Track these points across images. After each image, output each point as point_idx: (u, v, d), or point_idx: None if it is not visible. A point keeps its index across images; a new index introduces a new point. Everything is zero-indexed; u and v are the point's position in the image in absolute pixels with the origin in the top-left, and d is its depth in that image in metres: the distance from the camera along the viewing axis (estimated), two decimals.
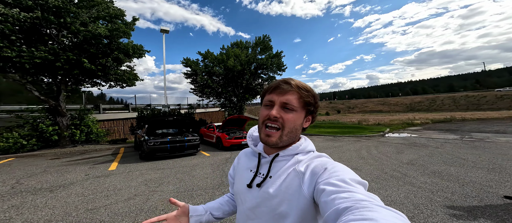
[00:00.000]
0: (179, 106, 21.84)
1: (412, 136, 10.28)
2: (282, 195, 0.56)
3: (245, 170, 0.69)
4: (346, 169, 0.52)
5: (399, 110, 49.18)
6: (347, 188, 0.44)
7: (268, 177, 0.61)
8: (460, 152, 6.08)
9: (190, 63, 15.59)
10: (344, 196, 0.41)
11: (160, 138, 6.76)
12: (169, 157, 6.77)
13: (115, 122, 14.65)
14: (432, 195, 2.99)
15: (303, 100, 0.60)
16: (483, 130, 11.59)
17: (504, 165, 4.51)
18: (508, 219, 2.28)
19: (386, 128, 13.75)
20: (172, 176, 4.59)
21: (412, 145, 7.65)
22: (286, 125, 0.59)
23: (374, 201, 0.39)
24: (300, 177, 0.56)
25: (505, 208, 2.53)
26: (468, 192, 3.05)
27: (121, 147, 9.38)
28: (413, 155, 5.82)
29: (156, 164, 5.82)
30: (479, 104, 41.28)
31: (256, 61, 14.99)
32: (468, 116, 22.06)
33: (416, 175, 3.96)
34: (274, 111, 0.59)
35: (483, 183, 3.44)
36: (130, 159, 6.63)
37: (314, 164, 0.57)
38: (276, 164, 0.62)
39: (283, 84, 0.60)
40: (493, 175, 3.87)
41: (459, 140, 8.43)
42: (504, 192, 3.02)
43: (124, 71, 10.99)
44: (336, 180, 0.47)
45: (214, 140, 8.88)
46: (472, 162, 4.93)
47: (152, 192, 3.66)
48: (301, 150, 0.62)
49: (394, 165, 4.81)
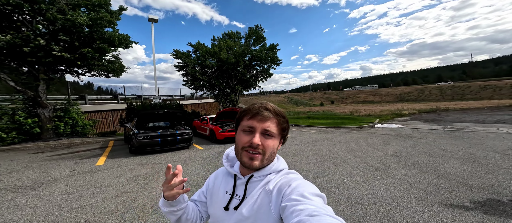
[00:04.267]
0: (171, 97, 21.30)
1: (399, 126, 10.70)
2: (255, 216, 0.58)
3: (221, 192, 0.70)
4: (307, 184, 0.56)
5: (389, 100, 50.62)
6: (304, 201, 0.48)
7: (245, 198, 0.63)
8: (441, 143, 6.41)
9: (180, 55, 14.99)
10: (300, 209, 0.45)
11: (150, 131, 6.62)
12: (160, 151, 6.70)
13: (103, 114, 14.17)
14: (409, 187, 3.17)
15: (280, 127, 0.64)
16: (464, 120, 12.22)
17: (478, 155, 4.82)
18: (473, 208, 2.47)
19: (376, 118, 14.21)
20: (163, 172, 4.56)
21: (398, 136, 7.97)
22: (267, 150, 0.62)
23: (323, 210, 0.44)
24: (269, 196, 0.59)
25: (472, 199, 2.73)
26: (441, 183, 3.26)
27: (110, 140, 9.16)
28: (398, 147, 6.09)
29: (146, 158, 5.76)
30: (464, 94, 43.19)
31: (250, 52, 14.63)
32: (452, 106, 23.09)
33: (398, 167, 4.16)
34: (256, 139, 0.60)
35: (456, 173, 3.68)
36: (119, 153, 6.51)
37: (281, 182, 0.60)
38: (251, 185, 0.64)
39: (264, 111, 0.62)
40: (467, 165, 4.13)
41: (441, 130, 8.86)
42: (474, 182, 3.25)
43: (109, 61, 10.46)
44: (296, 195, 0.51)
45: (208, 133, 8.83)
46: (450, 152, 5.23)
47: (141, 188, 3.64)
48: (274, 170, 0.65)
49: (379, 157, 5.02)
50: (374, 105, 33.44)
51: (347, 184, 3.42)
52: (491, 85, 43.43)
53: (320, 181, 3.58)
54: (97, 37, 8.77)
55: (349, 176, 3.78)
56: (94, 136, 10.66)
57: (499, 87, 41.16)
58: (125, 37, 10.03)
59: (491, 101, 29.09)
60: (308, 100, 62.68)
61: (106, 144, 8.33)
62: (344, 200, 2.86)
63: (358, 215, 2.43)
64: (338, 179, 3.62)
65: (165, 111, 7.50)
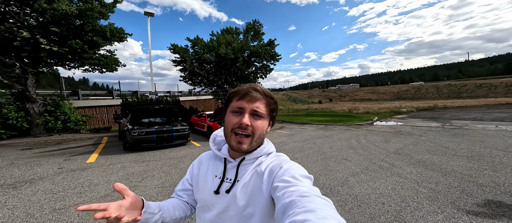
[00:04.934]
0: (168, 93, 20.93)
1: (398, 124, 10.61)
2: (248, 197, 0.59)
3: (209, 177, 0.68)
4: (297, 166, 0.57)
5: (387, 98, 50.88)
6: (295, 182, 0.49)
7: (236, 181, 0.62)
8: (442, 140, 6.30)
9: (178, 50, 14.62)
10: (291, 190, 0.47)
11: (145, 127, 6.36)
12: (156, 148, 6.46)
13: (98, 109, 13.78)
14: (417, 186, 3.01)
15: (269, 107, 0.63)
16: (462, 117, 12.21)
17: (481, 153, 4.71)
18: (489, 210, 2.32)
19: (374, 116, 14.13)
20: (158, 169, 4.34)
21: (398, 133, 7.86)
22: (256, 132, 0.61)
23: (313, 192, 0.45)
24: (260, 178, 0.59)
25: (485, 199, 2.58)
26: (450, 182, 3.11)
27: (104, 137, 8.86)
28: (399, 144, 5.95)
29: (141, 155, 5.51)
30: (460, 92, 43.61)
31: (249, 48, 14.34)
32: (449, 104, 23.22)
33: (402, 165, 4.01)
34: (245, 119, 0.59)
35: (463, 172, 3.54)
36: (112, 150, 6.24)
37: (272, 164, 0.61)
38: (242, 167, 0.64)
39: (253, 91, 0.61)
40: (472, 163, 4.01)
41: (440, 128, 8.79)
42: (483, 181, 3.11)
43: (102, 55, 10.09)
44: (287, 176, 0.52)
45: (206, 130, 8.61)
46: (453, 150, 5.11)
47: (133, 187, 3.42)
48: (264, 153, 0.65)
49: (381, 154, 4.87)
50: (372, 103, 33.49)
51: (351, 182, 3.25)
52: (486, 83, 43.92)
53: (322, 179, 3.41)
54: (88, 29, 8.39)
55: (352, 174, 3.61)
56: (88, 132, 10.33)
57: (494, 85, 41.65)
58: (118, 29, 9.66)
59: (488, 99, 29.39)
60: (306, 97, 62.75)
61: (100, 140, 8.03)
62: (350, 199, 2.69)
63: (366, 216, 2.25)
64: (341, 177, 3.45)
65: (161, 106, 7.22)
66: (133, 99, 11.29)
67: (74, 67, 9.91)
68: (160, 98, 13.23)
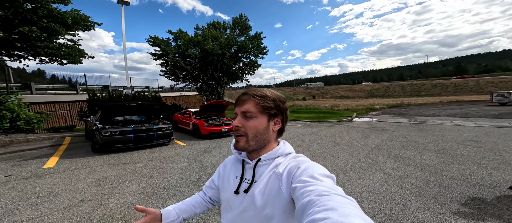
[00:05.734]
0: (147, 88, 19.27)
1: (374, 120, 11.49)
2: (266, 198, 0.60)
3: (231, 178, 0.72)
4: (316, 166, 0.57)
5: (362, 96, 55.14)
6: (313, 182, 0.48)
7: (254, 181, 0.64)
8: (411, 135, 6.96)
9: (159, 42, 13.39)
10: (310, 189, 0.46)
11: (120, 126, 5.66)
12: (134, 148, 5.82)
13: (58, 105, 11.97)
14: (401, 182, 3.21)
15: (260, 106, 0.64)
16: (424, 113, 13.80)
17: (445, 147, 5.29)
18: (466, 203, 2.56)
19: (353, 113, 15.15)
20: (137, 173, 3.88)
21: (375, 129, 8.47)
22: (249, 131, 0.64)
23: (333, 190, 0.44)
24: (279, 179, 0.60)
25: (460, 192, 2.85)
26: (427, 177, 3.39)
27: (67, 137, 7.71)
28: (377, 140, 6.38)
29: (115, 158, 4.89)
30: (420, 91, 49.42)
31: (236, 43, 13.84)
32: (412, 101, 26.12)
33: (384, 161, 4.27)
34: (235, 121, 0.66)
35: (435, 166, 3.91)
36: (78, 152, 5.43)
37: (290, 165, 0.61)
38: (259, 168, 0.66)
39: (242, 96, 0.66)
40: (441, 157, 4.46)
41: (408, 123, 9.76)
42: (453, 174, 3.46)
43: (62, 44, 8.72)
44: (306, 176, 0.52)
45: (191, 128, 8.11)
46: (422, 144, 5.66)
47: (107, 195, 2.97)
48: (281, 153, 0.66)
49: (364, 151, 5.13)
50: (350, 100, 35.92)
51: (342, 180, 3.32)
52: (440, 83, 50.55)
53: None
54: (43, 14, 7.06)
55: (342, 172, 3.71)
56: (44, 132, 8.88)
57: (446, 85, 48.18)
58: (82, 17, 8.41)
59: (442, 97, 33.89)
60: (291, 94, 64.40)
61: (61, 141, 6.95)
62: None
63: None
64: None
65: (139, 103, 6.50)
66: (103, 94, 10.03)
67: (24, 57, 8.35)
68: (138, 94, 12.04)
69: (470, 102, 22.68)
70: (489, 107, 16.69)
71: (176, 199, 2.89)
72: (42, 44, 7.77)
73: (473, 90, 40.26)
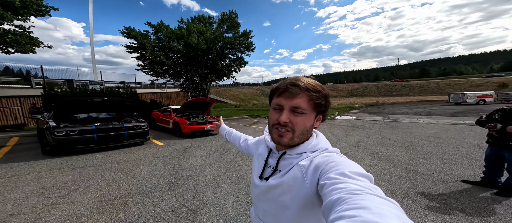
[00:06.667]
0: (122, 84, 17.59)
1: (353, 118, 12.06)
2: (285, 187, 0.61)
3: (260, 158, 0.76)
4: (349, 162, 0.53)
5: (343, 95, 58.15)
6: (344, 180, 0.45)
7: (278, 171, 0.66)
8: (385, 132, 7.39)
9: (135, 34, 12.19)
10: (340, 187, 0.42)
11: (80, 125, 4.96)
12: (98, 150, 5.16)
13: (6, 101, 10.24)
14: (378, 178, 3.28)
15: (313, 102, 0.61)
16: (395, 112, 14.95)
17: (413, 143, 5.68)
18: (432, 197, 2.67)
19: (335, 111, 15.76)
20: (97, 178, 3.38)
21: (354, 127, 8.84)
22: (297, 128, 0.61)
23: (369, 190, 0.39)
24: (302, 171, 0.59)
25: (427, 187, 2.99)
26: (399, 173, 3.53)
27: (13, 137, 6.58)
28: (356, 137, 6.62)
29: (71, 161, 4.25)
30: (392, 91, 53.88)
31: (223, 39, 13.26)
32: (386, 100, 28.27)
33: (363, 158, 4.39)
34: (283, 116, 0.60)
35: (406, 162, 4.12)
36: (23, 156, 4.62)
37: (318, 159, 0.58)
38: (283, 161, 0.65)
39: (292, 87, 0.60)
40: (410, 153, 4.74)
41: (382, 121, 10.42)
42: (421, 169, 3.67)
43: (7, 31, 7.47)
44: (335, 174, 0.48)
45: (171, 126, 7.53)
46: (394, 141, 6.01)
47: (50, 206, 2.49)
48: (310, 149, 0.63)
49: (345, 148, 5.25)
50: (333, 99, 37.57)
51: None
52: (408, 85, 55.64)
53: None
54: None
55: None
56: None
57: (412, 86, 53.22)
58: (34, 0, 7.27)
59: (409, 97, 37.40)
60: None
61: (4, 142, 5.90)
62: None
63: None
64: None
65: (105, 98, 5.76)
66: (64, 89, 8.79)
67: None
68: (109, 90, 10.84)
69: (432, 102, 25.33)
70: (447, 106, 18.79)
71: (143, 206, 2.54)
72: None
73: (434, 91, 45.18)
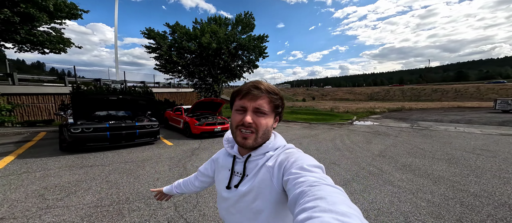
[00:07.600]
0: (142, 83, 18.60)
1: (375, 124, 10.93)
2: (256, 191, 0.61)
3: (224, 171, 0.74)
4: (305, 157, 0.58)
5: (362, 99, 54.55)
6: (303, 173, 0.50)
7: (245, 176, 0.66)
8: (416, 141, 6.41)
9: (154, 35, 12.77)
10: (301, 181, 0.47)
11: (95, 123, 5.07)
12: (112, 148, 5.23)
13: (42, 98, 11.31)
14: (414, 197, 2.64)
15: (273, 104, 0.64)
16: (426, 119, 13.29)
17: (456, 156, 4.74)
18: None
19: (353, 116, 14.59)
20: (100, 179, 3.28)
21: (376, 133, 7.91)
22: (260, 128, 0.62)
23: (323, 181, 0.45)
24: (270, 172, 0.60)
25: (488, 213, 2.28)
26: (444, 192, 2.83)
27: (41, 132, 7.08)
28: (381, 145, 5.82)
29: (83, 158, 4.29)
30: (420, 96, 49.06)
31: (237, 40, 13.24)
32: (413, 106, 25.66)
33: (391, 170, 3.71)
34: (248, 117, 0.61)
35: (450, 178, 3.35)
36: (42, 151, 4.81)
37: (280, 157, 0.61)
38: (249, 164, 0.66)
39: (254, 90, 0.62)
40: (454, 168, 3.91)
41: (410, 128, 9.23)
42: (474, 190, 2.91)
43: (42, 32, 8.20)
44: (296, 169, 0.53)
45: (181, 126, 7.49)
46: (430, 152, 5.11)
47: (44, 210, 2.36)
48: (271, 148, 0.65)
49: (368, 158, 4.56)
50: (350, 103, 35.41)
51: None
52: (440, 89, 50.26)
53: None
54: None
55: (344, 182, 3.14)
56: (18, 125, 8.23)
57: (446, 90, 47.91)
58: (67, 4, 7.89)
59: (442, 102, 33.49)
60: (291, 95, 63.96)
61: (32, 137, 6.32)
62: None
63: None
64: None
65: (120, 96, 5.87)
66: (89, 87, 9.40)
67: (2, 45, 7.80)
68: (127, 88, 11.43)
69: (472, 108, 22.25)
70: (492, 114, 16.24)
71: (139, 215, 2.29)
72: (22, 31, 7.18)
73: (473, 97, 39.99)
